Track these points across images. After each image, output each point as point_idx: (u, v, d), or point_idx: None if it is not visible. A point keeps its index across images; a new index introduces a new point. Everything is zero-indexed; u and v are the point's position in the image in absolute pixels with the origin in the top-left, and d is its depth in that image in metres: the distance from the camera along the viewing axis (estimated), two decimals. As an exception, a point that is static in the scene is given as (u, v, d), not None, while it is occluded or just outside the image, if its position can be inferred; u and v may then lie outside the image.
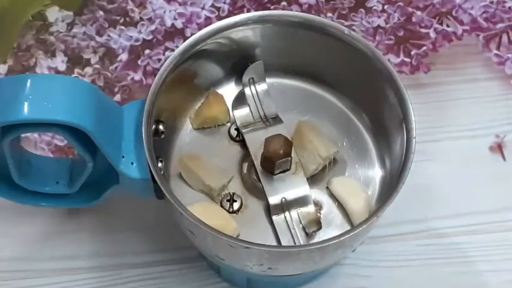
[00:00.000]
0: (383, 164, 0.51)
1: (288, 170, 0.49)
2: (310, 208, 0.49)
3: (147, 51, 0.62)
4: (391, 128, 0.49)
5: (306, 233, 0.48)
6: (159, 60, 0.61)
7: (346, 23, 0.63)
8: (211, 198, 0.50)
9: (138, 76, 0.61)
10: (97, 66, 0.61)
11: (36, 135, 0.58)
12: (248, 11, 0.63)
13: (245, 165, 0.50)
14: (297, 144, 0.50)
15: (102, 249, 0.55)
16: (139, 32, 0.62)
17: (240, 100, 0.52)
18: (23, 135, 0.48)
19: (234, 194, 0.50)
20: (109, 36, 0.62)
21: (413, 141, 0.46)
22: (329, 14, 0.63)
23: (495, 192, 0.57)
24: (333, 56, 0.51)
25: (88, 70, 0.61)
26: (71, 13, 0.63)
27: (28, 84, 0.43)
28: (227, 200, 0.49)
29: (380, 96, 0.49)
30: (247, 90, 0.52)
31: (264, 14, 0.50)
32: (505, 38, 0.63)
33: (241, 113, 0.51)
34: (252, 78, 0.52)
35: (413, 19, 0.63)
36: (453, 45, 0.63)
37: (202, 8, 0.63)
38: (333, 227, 0.49)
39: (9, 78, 0.45)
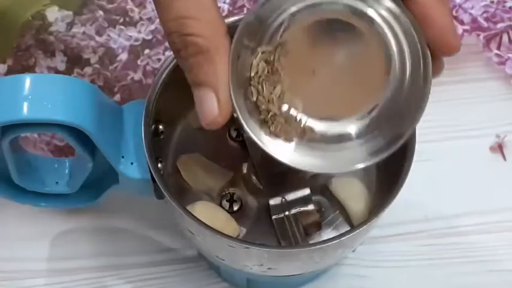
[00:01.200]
0: (383, 164, 0.51)
1: (288, 170, 0.49)
2: (310, 208, 0.49)
3: (146, 51, 0.62)
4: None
5: (306, 233, 0.48)
6: (159, 60, 0.61)
7: (346, 23, 0.63)
8: (211, 198, 0.50)
9: (137, 76, 0.61)
10: (97, 66, 0.61)
11: (35, 135, 0.58)
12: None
13: (245, 165, 0.50)
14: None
15: (102, 249, 0.55)
16: (139, 31, 0.62)
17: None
18: (22, 135, 0.48)
19: (234, 194, 0.50)
20: (109, 36, 0.62)
21: (414, 141, 0.46)
22: (329, 14, 0.63)
23: (495, 192, 0.57)
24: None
25: (87, 70, 0.61)
26: (71, 13, 0.63)
27: (27, 84, 0.43)
28: (227, 200, 0.49)
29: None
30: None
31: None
32: (505, 38, 0.63)
33: (241, 113, 0.51)
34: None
35: (414, 19, 0.63)
36: (453, 45, 0.63)
37: (202, 8, 0.63)
38: (333, 227, 0.49)
39: (8, 78, 0.45)
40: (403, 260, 0.55)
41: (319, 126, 0.41)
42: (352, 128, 0.41)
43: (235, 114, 0.40)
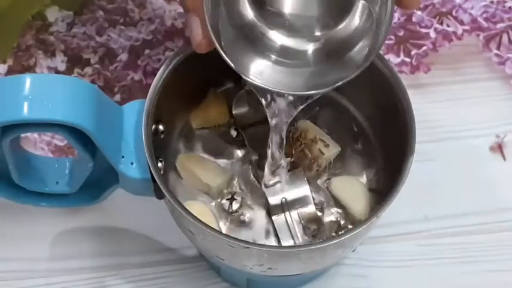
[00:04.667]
0: (383, 164, 0.51)
1: (288, 170, 0.49)
2: (310, 208, 0.49)
3: (147, 51, 0.62)
4: (391, 127, 0.49)
5: (306, 233, 0.48)
6: (159, 60, 0.61)
7: (346, 23, 0.63)
8: (211, 198, 0.50)
9: (138, 76, 0.61)
10: (97, 66, 0.61)
11: (35, 135, 0.58)
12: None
13: (245, 165, 0.50)
14: (298, 144, 0.50)
15: (102, 249, 0.55)
16: (139, 32, 0.62)
17: (240, 100, 0.52)
18: (22, 135, 0.48)
19: (234, 193, 0.50)
20: (109, 36, 0.62)
21: (413, 142, 0.46)
22: (329, 14, 0.63)
23: (495, 192, 0.57)
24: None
25: (88, 70, 0.61)
26: (71, 13, 0.63)
27: (28, 84, 0.43)
28: (227, 200, 0.49)
29: (380, 96, 0.49)
30: (247, 90, 0.52)
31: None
32: (505, 38, 0.63)
33: (241, 113, 0.52)
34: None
35: (414, 19, 0.63)
36: (453, 45, 0.63)
37: (202, 8, 0.63)
38: (333, 226, 0.49)
39: (9, 78, 0.45)
40: (403, 260, 0.55)
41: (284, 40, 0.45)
42: (314, 47, 0.44)
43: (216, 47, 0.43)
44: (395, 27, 0.63)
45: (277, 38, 0.45)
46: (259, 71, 0.44)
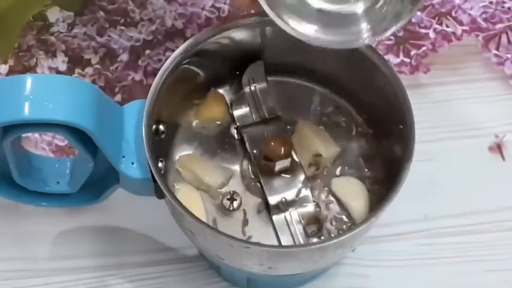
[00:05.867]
0: (383, 164, 0.51)
1: (288, 170, 0.49)
2: (310, 208, 0.49)
3: (147, 52, 0.62)
4: (391, 127, 0.49)
5: (306, 233, 0.48)
6: (160, 60, 0.62)
7: (346, 23, 0.63)
8: (211, 197, 0.50)
9: (138, 76, 0.61)
10: (97, 66, 0.61)
11: (36, 135, 0.58)
12: (248, 11, 0.63)
13: (245, 165, 0.51)
14: (298, 144, 0.50)
15: (103, 248, 0.55)
16: (140, 32, 0.63)
17: (240, 100, 0.52)
18: (23, 135, 0.48)
19: (234, 192, 0.50)
20: (109, 36, 0.62)
21: (413, 141, 0.46)
22: (329, 15, 0.63)
23: (494, 192, 0.57)
24: (333, 56, 0.51)
25: (89, 70, 0.61)
26: (72, 13, 0.63)
27: (29, 84, 0.43)
28: (227, 199, 0.50)
29: (380, 96, 0.50)
30: (247, 90, 0.52)
31: (264, 14, 0.50)
32: (504, 38, 0.63)
33: (241, 113, 0.52)
34: (252, 78, 0.52)
35: (413, 19, 0.63)
36: (452, 45, 0.63)
37: (203, 9, 0.63)
38: (333, 226, 0.49)
39: (9, 78, 0.45)
40: (402, 259, 0.55)
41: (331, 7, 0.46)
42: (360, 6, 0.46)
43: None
44: (395, 27, 0.63)
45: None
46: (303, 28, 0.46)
